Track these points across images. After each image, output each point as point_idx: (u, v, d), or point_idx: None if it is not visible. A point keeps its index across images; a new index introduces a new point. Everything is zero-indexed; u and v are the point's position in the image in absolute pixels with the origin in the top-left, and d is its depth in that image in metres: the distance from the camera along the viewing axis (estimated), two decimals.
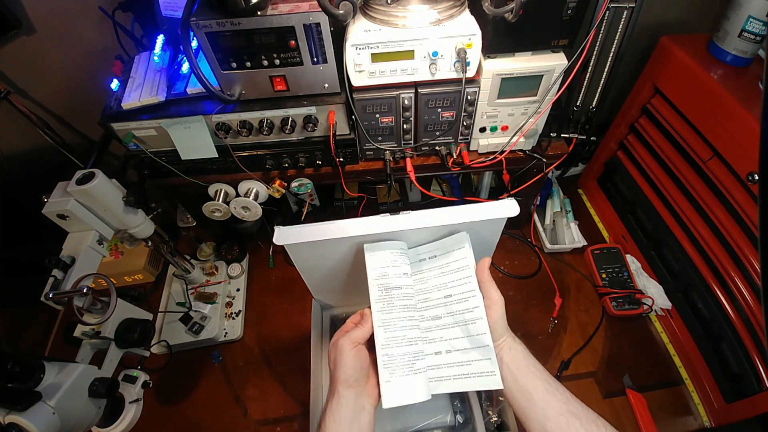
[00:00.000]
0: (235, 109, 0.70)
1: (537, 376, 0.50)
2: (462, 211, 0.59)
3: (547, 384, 0.49)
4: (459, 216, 0.59)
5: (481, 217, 0.59)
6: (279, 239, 0.59)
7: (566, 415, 0.46)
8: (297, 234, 0.58)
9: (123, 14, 0.85)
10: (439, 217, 0.59)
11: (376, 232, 0.58)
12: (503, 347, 0.52)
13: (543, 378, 0.50)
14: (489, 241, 0.68)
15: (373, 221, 0.59)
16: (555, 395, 0.48)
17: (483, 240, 0.67)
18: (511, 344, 0.53)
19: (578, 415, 0.47)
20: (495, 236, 0.67)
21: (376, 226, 0.58)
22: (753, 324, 0.70)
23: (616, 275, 0.95)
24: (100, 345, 0.65)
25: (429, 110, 0.72)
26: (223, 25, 0.60)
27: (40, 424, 0.49)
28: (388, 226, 0.58)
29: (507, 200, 0.59)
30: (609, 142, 1.00)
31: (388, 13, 0.64)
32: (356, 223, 0.59)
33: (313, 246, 0.60)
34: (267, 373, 0.88)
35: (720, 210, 0.74)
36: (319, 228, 0.59)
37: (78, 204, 0.64)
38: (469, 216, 0.59)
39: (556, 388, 0.49)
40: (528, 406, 0.48)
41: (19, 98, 0.89)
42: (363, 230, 0.58)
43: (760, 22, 0.68)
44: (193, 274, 0.97)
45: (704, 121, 0.74)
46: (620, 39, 0.70)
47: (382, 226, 0.58)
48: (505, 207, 0.59)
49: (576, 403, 0.48)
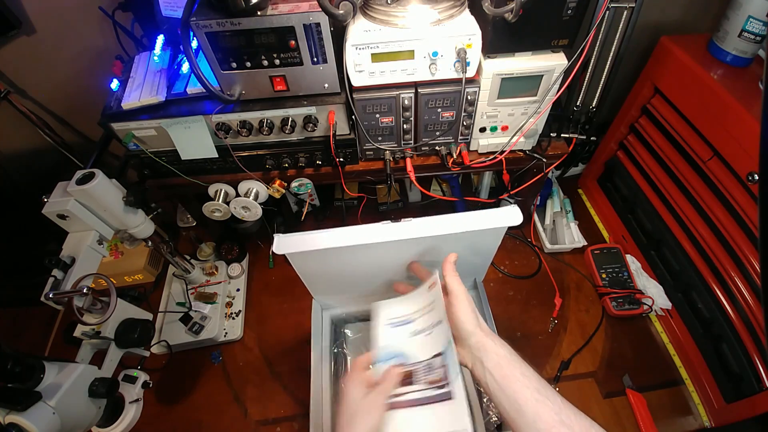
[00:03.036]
0: (235, 109, 0.70)
1: (525, 384, 0.46)
2: (463, 219, 0.58)
3: (536, 393, 0.45)
4: (460, 225, 0.58)
5: (483, 226, 0.58)
6: (279, 248, 0.58)
7: (558, 427, 0.43)
8: (297, 243, 0.58)
9: (123, 14, 0.84)
10: (440, 225, 0.58)
11: (378, 241, 0.58)
12: (480, 348, 0.49)
13: (532, 386, 0.46)
14: (489, 247, 0.68)
15: (374, 229, 0.58)
16: (545, 405, 0.44)
17: (483, 247, 0.67)
18: (490, 346, 0.49)
19: (571, 425, 0.43)
20: (496, 242, 0.66)
21: (377, 235, 0.58)
22: (753, 324, 0.70)
23: (616, 275, 0.95)
24: (100, 345, 0.65)
25: (429, 110, 0.72)
26: (223, 25, 0.60)
27: (40, 424, 0.49)
28: (390, 234, 0.58)
29: (510, 207, 0.58)
30: (609, 142, 1.00)
31: (388, 13, 0.64)
32: (356, 232, 0.58)
33: (313, 253, 0.59)
34: (267, 373, 0.88)
35: (720, 210, 0.74)
36: (318, 236, 0.58)
37: (78, 204, 0.64)
38: (470, 225, 0.58)
39: (546, 395, 0.45)
40: (517, 417, 0.45)
41: (19, 98, 0.89)
42: (363, 239, 0.58)
43: (760, 22, 0.68)
44: (193, 274, 0.97)
45: (704, 121, 0.74)
46: (620, 39, 0.70)
47: (384, 234, 0.58)
48: (507, 215, 0.58)
49: (569, 411, 0.45)
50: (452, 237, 0.59)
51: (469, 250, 0.67)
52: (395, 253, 0.65)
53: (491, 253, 0.71)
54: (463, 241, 0.63)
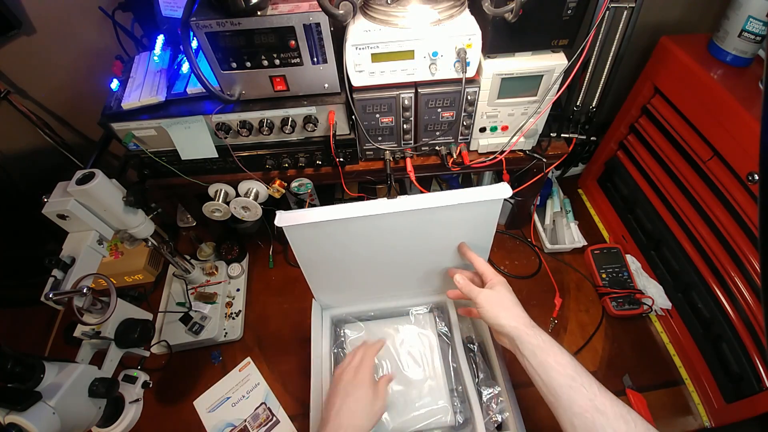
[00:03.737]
0: (235, 109, 0.70)
1: (559, 372, 0.50)
2: (457, 194, 0.61)
3: (570, 380, 0.49)
4: (454, 198, 0.61)
5: (476, 199, 0.61)
6: (280, 221, 0.60)
7: (592, 412, 0.46)
8: (298, 216, 0.60)
9: (123, 14, 0.84)
10: (435, 199, 0.61)
11: (376, 213, 0.60)
12: (515, 338, 0.54)
13: (566, 373, 0.50)
14: (487, 226, 0.69)
15: (373, 204, 0.61)
16: (580, 391, 0.48)
17: (480, 224, 0.68)
18: (524, 337, 0.54)
19: (605, 411, 0.46)
20: (492, 221, 0.68)
21: (376, 209, 0.60)
22: (753, 324, 0.70)
23: (616, 275, 0.95)
24: (100, 345, 0.65)
25: (429, 110, 0.72)
26: (223, 25, 0.60)
27: (40, 424, 0.49)
28: (387, 208, 0.60)
29: (499, 184, 0.62)
30: (609, 142, 1.00)
31: (388, 13, 0.64)
32: (354, 206, 0.60)
33: (314, 230, 0.61)
34: (267, 373, 0.88)
35: (720, 210, 0.74)
36: (319, 211, 0.61)
37: (78, 204, 0.64)
38: (463, 198, 0.61)
39: (581, 383, 0.49)
40: (554, 401, 0.49)
41: (19, 98, 0.89)
42: (363, 212, 0.60)
43: (760, 22, 0.68)
44: (193, 274, 0.97)
45: (704, 121, 0.74)
46: (620, 39, 0.70)
47: (382, 208, 0.60)
48: (498, 189, 0.61)
49: (604, 398, 0.47)
50: (447, 210, 0.62)
51: (466, 232, 0.69)
52: (393, 230, 0.66)
53: (488, 239, 0.71)
54: (459, 215, 0.65)
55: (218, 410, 0.83)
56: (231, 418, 0.82)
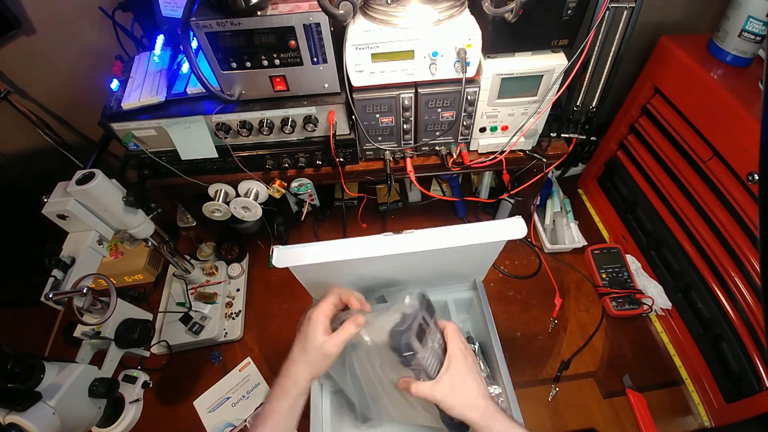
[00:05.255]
0: (235, 109, 0.70)
1: None
2: (467, 231, 0.59)
3: None
4: (464, 238, 0.58)
5: (487, 239, 0.59)
6: (279, 262, 0.59)
7: None
8: (296, 256, 0.58)
9: (123, 14, 0.84)
10: (443, 238, 0.58)
11: (379, 254, 0.58)
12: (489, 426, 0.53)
13: None
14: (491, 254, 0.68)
15: (376, 242, 0.58)
16: None
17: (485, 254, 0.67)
18: (492, 424, 0.53)
19: None
20: (498, 249, 0.67)
21: (379, 248, 0.58)
22: (753, 324, 0.70)
23: (616, 275, 0.95)
24: (100, 345, 0.65)
25: (429, 110, 0.72)
26: (223, 25, 0.60)
27: (40, 424, 0.49)
28: (391, 247, 0.58)
29: (515, 219, 0.59)
30: (609, 142, 1.00)
31: (388, 13, 0.64)
32: (357, 244, 0.59)
33: (314, 266, 0.60)
34: (267, 373, 0.88)
35: (720, 210, 0.74)
36: (319, 248, 0.59)
37: (78, 204, 0.64)
38: (474, 238, 0.59)
39: None
40: None
41: (19, 98, 0.89)
42: (365, 253, 0.58)
43: (760, 22, 0.68)
44: (193, 274, 0.97)
45: (704, 121, 0.74)
46: (620, 39, 0.70)
47: (385, 248, 0.58)
48: (511, 227, 0.59)
49: None
50: (454, 250, 0.60)
51: (470, 257, 0.67)
52: (397, 263, 0.65)
53: (492, 258, 0.71)
54: (465, 251, 0.63)
55: (218, 410, 0.84)
56: (231, 418, 0.82)
